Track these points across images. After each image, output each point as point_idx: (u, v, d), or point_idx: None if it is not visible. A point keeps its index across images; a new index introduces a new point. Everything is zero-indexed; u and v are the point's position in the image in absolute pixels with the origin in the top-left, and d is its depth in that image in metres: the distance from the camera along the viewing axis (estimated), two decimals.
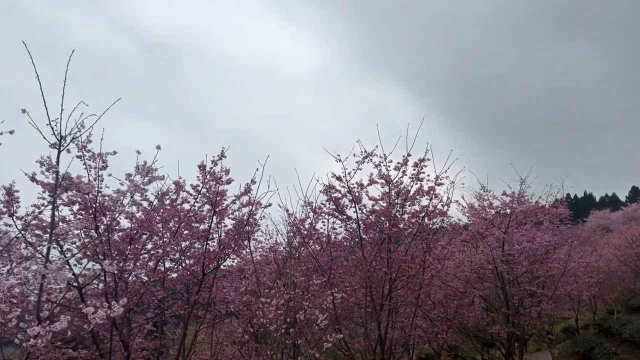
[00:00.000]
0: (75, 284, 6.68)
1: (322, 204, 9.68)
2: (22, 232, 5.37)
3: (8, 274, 3.63)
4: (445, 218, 9.78)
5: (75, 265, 6.96)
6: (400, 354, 11.34)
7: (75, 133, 3.45)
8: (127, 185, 4.31)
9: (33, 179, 6.48)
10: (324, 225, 9.95)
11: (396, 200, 8.99)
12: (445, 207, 9.39)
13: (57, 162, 3.49)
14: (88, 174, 6.54)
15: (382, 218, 9.13)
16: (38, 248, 6.19)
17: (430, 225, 9.22)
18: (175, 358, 8.22)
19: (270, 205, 8.92)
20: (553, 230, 12.10)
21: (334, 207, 9.56)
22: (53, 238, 3.57)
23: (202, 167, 8.14)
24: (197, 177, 8.26)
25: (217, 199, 8.16)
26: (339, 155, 8.96)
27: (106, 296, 7.06)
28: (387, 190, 9.07)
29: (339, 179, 9.15)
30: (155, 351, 9.28)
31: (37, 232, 6.42)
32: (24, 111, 3.34)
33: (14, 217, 6.51)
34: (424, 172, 8.78)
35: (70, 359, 10.37)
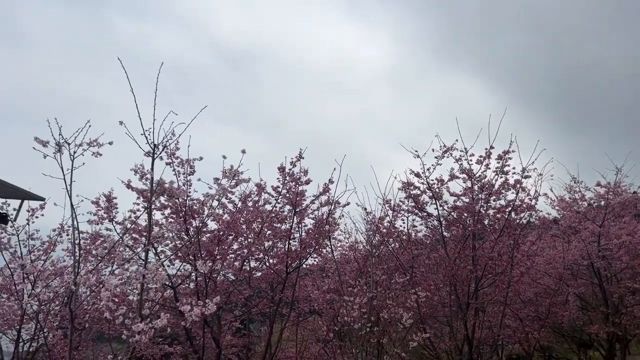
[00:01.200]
0: (168, 284, 7.12)
1: (400, 201, 9.54)
2: (122, 236, 5.80)
3: (110, 275, 3.92)
4: (533, 212, 9.27)
5: (168, 266, 7.42)
6: (489, 355, 10.92)
7: (167, 141, 3.67)
8: (215, 188, 4.51)
9: (129, 186, 6.98)
10: (404, 223, 9.81)
11: (480, 195, 8.65)
12: (534, 201, 8.92)
13: (152, 168, 3.74)
14: (177, 180, 6.94)
15: (465, 214, 8.83)
16: (136, 250, 6.66)
17: (518, 221, 8.78)
18: (263, 355, 8.47)
19: (348, 204, 8.96)
20: None
21: (413, 204, 9.39)
22: (150, 241, 3.82)
23: (281, 169, 8.33)
24: (277, 178, 8.47)
25: (297, 199, 8.32)
26: (416, 151, 8.78)
27: (197, 295, 7.44)
28: (470, 185, 8.76)
29: (417, 175, 8.96)
30: (244, 348, 9.63)
31: (134, 235, 6.93)
32: (121, 123, 3.60)
33: (114, 222, 7.06)
34: (508, 165, 8.38)
35: (166, 354, 11.05)
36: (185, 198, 6.60)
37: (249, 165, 6.61)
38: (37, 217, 7.71)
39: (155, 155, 3.73)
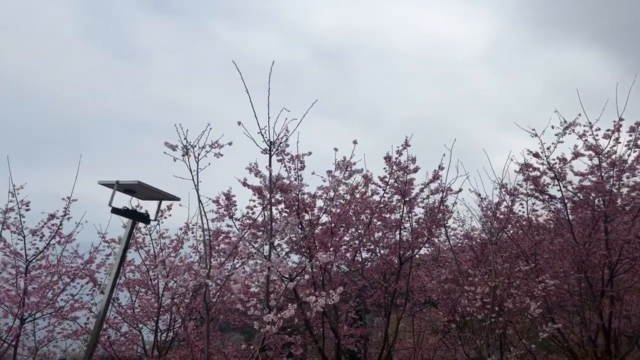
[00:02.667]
0: (286, 277, 7.39)
1: (517, 184, 8.96)
2: (242, 231, 6.12)
3: (239, 267, 4.13)
4: None
5: (285, 259, 7.70)
6: (627, 347, 9.88)
7: (282, 138, 3.77)
8: (329, 180, 4.54)
9: (245, 183, 7.33)
10: (522, 207, 9.20)
11: (610, 173, 7.83)
12: None
13: (270, 164, 3.86)
14: (288, 175, 7.15)
15: (594, 194, 8.05)
16: (255, 245, 6.99)
17: None
18: (381, 345, 8.46)
19: (461, 190, 8.60)
20: None
21: (532, 187, 8.76)
22: (272, 234, 3.97)
23: (387, 159, 8.21)
24: (384, 168, 8.38)
25: (406, 188, 8.16)
26: (533, 130, 8.17)
27: (314, 286, 7.62)
28: (597, 162, 7.96)
29: (536, 155, 8.33)
30: (361, 338, 9.71)
31: (253, 230, 7.26)
32: (239, 123, 3.78)
33: (233, 218, 7.46)
34: None
35: (287, 344, 11.52)
36: (298, 193, 6.77)
37: (354, 157, 6.62)
38: (165, 218, 8.41)
39: (272, 152, 3.86)
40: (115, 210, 3.80)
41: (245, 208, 7.43)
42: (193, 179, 3.92)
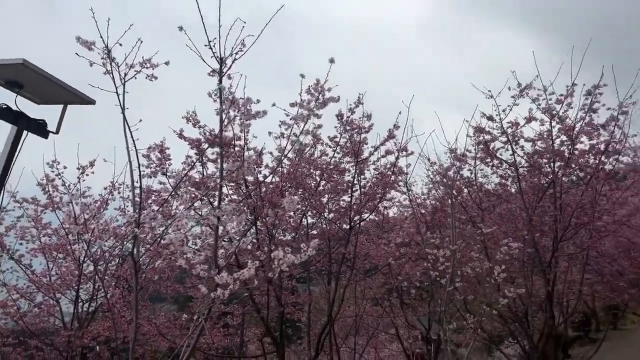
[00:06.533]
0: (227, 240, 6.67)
1: (467, 150, 8.72)
2: (178, 186, 5.31)
3: (181, 211, 3.32)
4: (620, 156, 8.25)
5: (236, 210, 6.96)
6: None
7: (236, 54, 2.98)
8: (294, 113, 3.75)
9: (181, 135, 6.47)
10: (471, 173, 9.00)
11: (562, 138, 7.70)
12: (620, 144, 7.90)
13: (220, 81, 3.02)
14: (232, 128, 6.37)
15: (546, 159, 7.93)
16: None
17: (609, 166, 7.80)
18: (328, 313, 8.04)
19: (412, 153, 8.25)
20: None
21: (483, 152, 8.54)
22: (223, 178, 3.22)
23: (339, 116, 7.62)
24: (335, 127, 7.81)
25: (359, 148, 7.64)
26: (489, 91, 7.86)
27: (262, 264, 6.97)
28: (549, 128, 7.80)
29: (490, 118, 8.06)
30: (304, 305, 9.28)
31: (190, 188, 6.44)
32: (180, 28, 2.87)
33: (167, 175, 6.59)
34: (598, 102, 7.35)
35: (224, 314, 10.85)
36: (244, 146, 6.03)
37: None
38: (87, 175, 7.37)
39: (224, 73, 3.09)
40: None
41: (181, 164, 6.58)
42: (117, 91, 3.05)
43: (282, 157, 3.66)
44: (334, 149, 7.90)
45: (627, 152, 9.19)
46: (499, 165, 8.63)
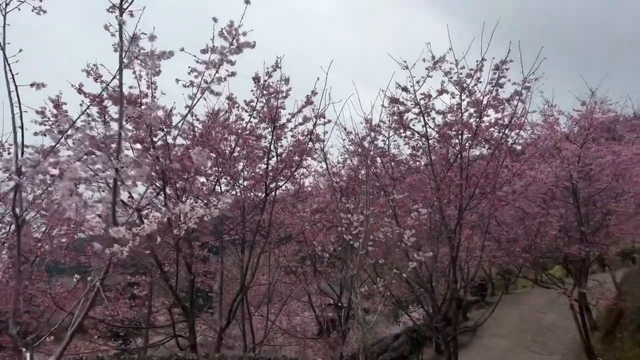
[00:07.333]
0: (132, 206, 6.24)
1: (381, 121, 8.86)
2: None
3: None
4: (521, 131, 8.82)
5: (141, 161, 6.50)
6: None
7: None
8: (204, 61, 3.38)
9: (80, 90, 5.90)
10: (384, 143, 9.18)
11: (470, 111, 8.05)
12: (522, 119, 8.43)
13: (121, 14, 2.64)
14: (139, 84, 5.90)
15: (455, 131, 8.26)
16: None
17: (510, 140, 8.31)
18: (241, 282, 7.89)
19: (329, 121, 8.20)
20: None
21: (397, 123, 8.72)
22: (122, 123, 2.88)
23: (256, 79, 7.35)
24: (251, 90, 7.53)
25: (276, 112, 7.44)
26: (405, 62, 7.97)
27: (169, 222, 6.62)
28: (460, 100, 8.11)
29: (405, 89, 8.21)
30: (215, 274, 9.06)
31: (91, 149, 5.90)
32: None
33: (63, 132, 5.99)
34: (505, 77, 7.72)
35: (130, 284, 10.33)
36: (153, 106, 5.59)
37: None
38: None
39: (124, 9, 2.74)
40: None
41: (80, 121, 5.99)
42: None
43: (192, 105, 3.35)
44: (250, 113, 7.65)
45: (526, 128, 9.89)
46: (412, 136, 8.89)
